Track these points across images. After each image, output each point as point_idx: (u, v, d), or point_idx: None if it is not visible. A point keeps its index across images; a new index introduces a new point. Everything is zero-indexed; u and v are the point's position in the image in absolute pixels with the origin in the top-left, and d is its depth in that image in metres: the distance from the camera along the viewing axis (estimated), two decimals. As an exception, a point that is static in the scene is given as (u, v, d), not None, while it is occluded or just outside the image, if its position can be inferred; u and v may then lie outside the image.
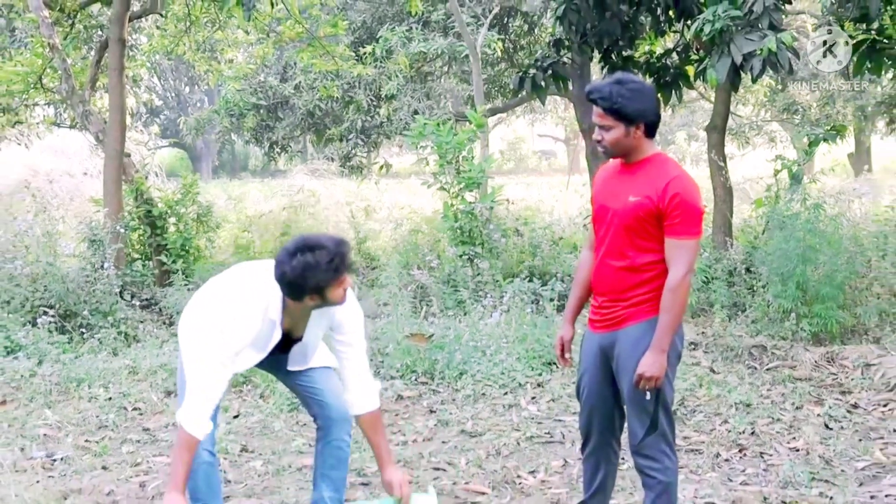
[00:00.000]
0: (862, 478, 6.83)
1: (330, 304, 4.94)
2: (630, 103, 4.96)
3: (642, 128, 5.02)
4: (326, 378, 5.35)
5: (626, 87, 4.98)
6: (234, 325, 4.85)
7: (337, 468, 5.38)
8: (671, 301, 4.96)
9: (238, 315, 4.87)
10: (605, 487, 5.57)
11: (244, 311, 4.89)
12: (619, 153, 5.13)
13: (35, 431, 7.95)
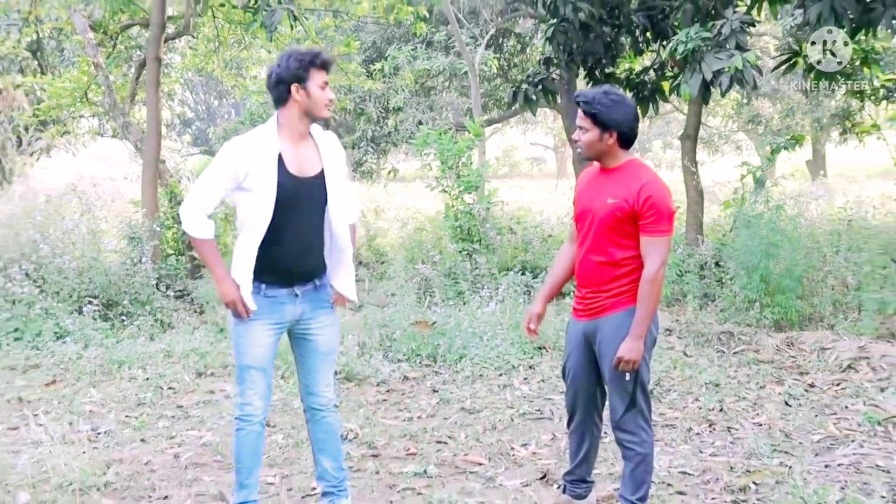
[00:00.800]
0: (817, 449, 6.85)
1: (316, 103, 5.01)
2: (607, 111, 5.03)
3: (615, 136, 5.08)
4: (326, 366, 5.35)
5: (608, 97, 5.07)
6: (236, 142, 5.04)
7: (329, 440, 5.39)
8: (647, 292, 5.02)
9: (239, 139, 5.08)
10: (589, 458, 5.61)
11: (243, 136, 5.10)
12: (593, 155, 5.19)
13: (81, 408, 7.98)
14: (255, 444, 5.14)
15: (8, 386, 8.68)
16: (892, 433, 7.13)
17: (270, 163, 4.94)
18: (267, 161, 4.93)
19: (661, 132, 36.76)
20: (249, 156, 4.92)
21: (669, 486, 6.13)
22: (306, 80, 4.94)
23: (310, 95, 4.97)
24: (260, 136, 5.04)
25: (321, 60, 4.98)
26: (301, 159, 5.06)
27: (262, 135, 5.05)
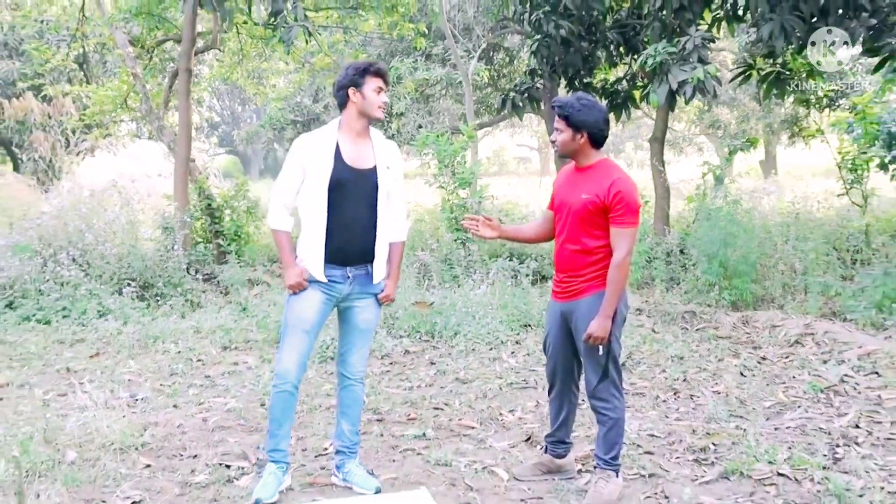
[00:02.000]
0: (768, 414, 6.86)
1: (370, 106, 5.15)
2: (578, 114, 5.09)
3: (586, 136, 5.13)
4: (362, 341, 5.41)
5: (580, 102, 5.14)
6: (300, 138, 5.30)
7: (353, 407, 5.44)
8: (614, 277, 5.04)
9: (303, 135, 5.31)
10: (568, 422, 5.61)
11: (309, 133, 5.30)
12: (567, 153, 5.26)
13: (121, 377, 7.97)
14: (286, 403, 5.23)
15: (57, 357, 8.68)
16: (833, 400, 7.14)
17: (328, 152, 5.14)
18: (325, 151, 5.13)
19: (633, 135, 36.74)
20: (311, 147, 5.16)
21: (639, 447, 6.14)
22: (362, 84, 5.12)
23: (364, 97, 5.14)
24: (322, 132, 5.26)
25: (376, 68, 5.17)
26: (357, 153, 5.21)
27: (325, 130, 5.26)
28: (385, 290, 5.41)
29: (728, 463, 5.75)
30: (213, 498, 5.29)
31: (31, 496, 5.03)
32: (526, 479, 5.61)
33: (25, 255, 11.03)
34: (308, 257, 5.18)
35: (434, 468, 5.78)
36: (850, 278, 10.87)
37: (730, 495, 5.25)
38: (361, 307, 5.35)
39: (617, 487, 5.24)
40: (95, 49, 21.68)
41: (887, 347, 8.43)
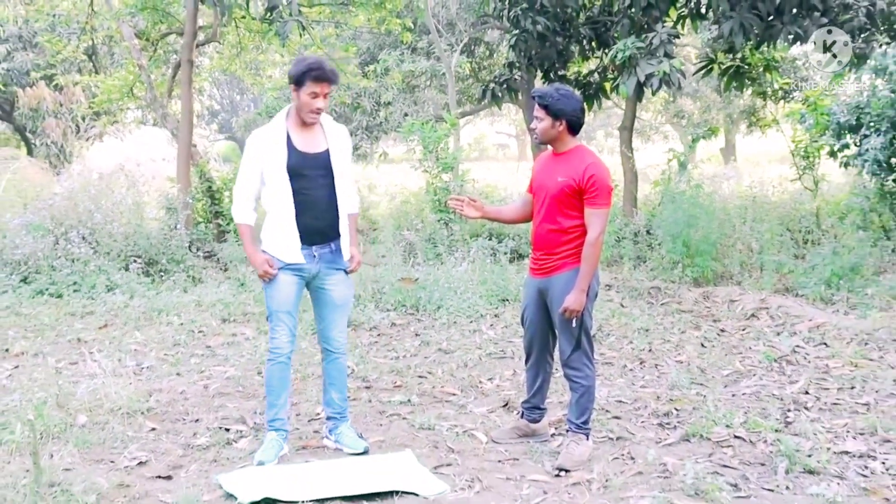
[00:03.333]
0: (726, 381, 6.89)
1: (302, 107, 5.04)
2: (557, 103, 5.12)
3: (564, 124, 5.17)
4: (340, 316, 5.40)
5: (559, 91, 5.18)
6: (253, 133, 5.21)
7: (339, 377, 5.46)
8: (589, 254, 5.08)
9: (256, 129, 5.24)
10: (543, 389, 5.63)
11: (261, 127, 5.24)
12: (547, 141, 5.28)
13: (128, 347, 7.96)
14: (281, 374, 5.26)
15: (69, 328, 8.65)
16: (785, 368, 7.18)
17: (280, 142, 5.08)
18: (277, 141, 5.08)
19: (604, 124, 36.75)
20: (264, 140, 5.09)
21: (608, 411, 6.16)
22: (302, 85, 4.99)
23: (299, 99, 5.04)
24: (272, 125, 5.16)
25: (315, 75, 4.96)
26: (306, 139, 5.15)
27: (274, 123, 5.16)
28: (352, 258, 5.42)
29: (689, 426, 5.77)
30: (213, 458, 5.29)
31: (46, 456, 5.03)
32: (503, 442, 5.62)
33: (39, 234, 10.99)
34: (281, 243, 5.16)
35: (418, 432, 5.79)
36: (801, 257, 10.91)
37: (690, 456, 5.28)
38: (333, 283, 5.34)
39: (587, 449, 5.26)
40: (103, 41, 21.64)
41: (835, 320, 8.49)
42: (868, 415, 5.96)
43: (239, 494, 4.66)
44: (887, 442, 5.50)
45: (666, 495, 4.65)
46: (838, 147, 12.69)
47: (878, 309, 8.84)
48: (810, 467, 5.04)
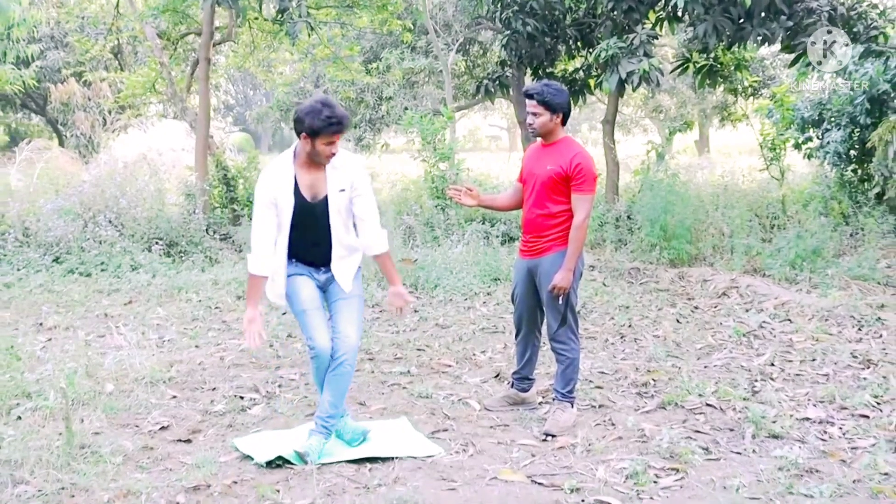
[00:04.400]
0: (699, 354, 6.91)
1: (318, 154, 4.56)
2: (554, 98, 5.14)
3: (560, 117, 5.19)
4: (345, 323, 4.80)
5: (552, 87, 5.19)
6: (263, 178, 4.70)
7: (340, 382, 4.79)
8: (575, 236, 5.11)
9: (265, 172, 4.71)
10: (531, 361, 5.65)
11: (269, 170, 4.70)
12: (543, 134, 5.26)
13: (151, 321, 7.97)
14: (321, 368, 4.77)
15: (97, 304, 8.67)
16: (753, 342, 7.20)
17: (288, 188, 4.65)
18: (286, 187, 4.65)
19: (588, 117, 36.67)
20: (274, 185, 4.64)
21: (591, 382, 6.18)
22: (317, 136, 4.50)
23: (315, 148, 4.55)
24: (280, 167, 4.70)
25: (334, 129, 4.50)
26: (312, 185, 4.69)
27: (282, 164, 4.70)
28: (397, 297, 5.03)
29: (665, 395, 5.79)
30: (229, 424, 5.31)
31: (77, 421, 5.04)
32: (495, 409, 5.64)
33: (69, 218, 11.00)
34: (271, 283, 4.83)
35: (417, 400, 5.81)
36: (768, 240, 10.92)
37: (666, 422, 5.30)
38: (338, 300, 4.90)
39: (572, 416, 5.28)
40: (128, 41, 21.66)
41: (798, 298, 8.51)
42: (827, 385, 5.98)
43: (255, 455, 4.69)
44: (844, 409, 5.53)
45: (643, 458, 4.67)
46: (802, 140, 12.79)
47: (838, 288, 8.86)
48: (775, 432, 5.07)
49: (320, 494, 4.23)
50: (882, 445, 4.84)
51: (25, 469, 4.42)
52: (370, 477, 4.46)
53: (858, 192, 11.92)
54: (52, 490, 4.21)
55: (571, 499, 4.19)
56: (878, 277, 9.21)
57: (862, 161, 12.00)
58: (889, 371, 6.27)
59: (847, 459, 4.71)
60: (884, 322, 7.63)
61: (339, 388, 4.79)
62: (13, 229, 10.73)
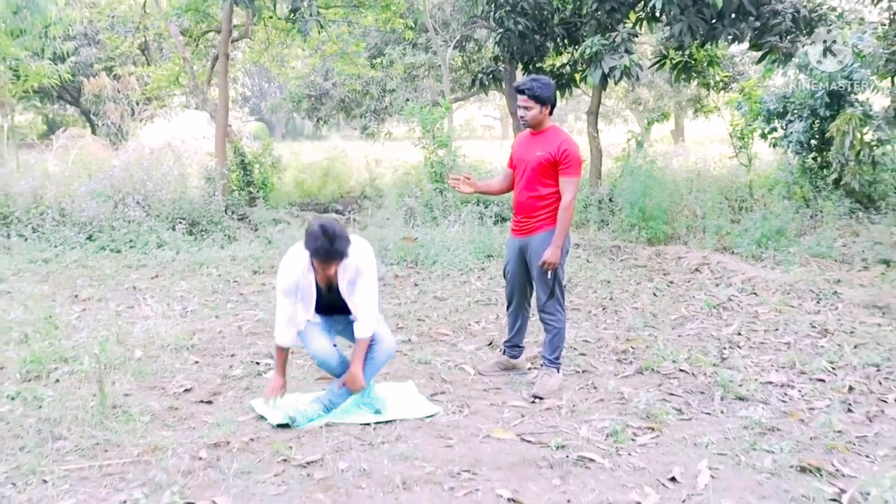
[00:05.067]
0: (674, 324, 6.92)
1: (321, 271, 4.54)
2: (543, 91, 5.14)
3: (548, 108, 5.19)
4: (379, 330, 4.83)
5: (540, 82, 5.19)
6: (283, 271, 4.66)
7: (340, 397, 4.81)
8: (563, 216, 5.14)
9: (285, 265, 4.66)
10: (522, 331, 5.66)
11: (288, 263, 4.65)
12: (534, 125, 5.26)
13: (175, 294, 7.97)
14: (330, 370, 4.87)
15: (126, 278, 8.66)
16: (722, 314, 7.21)
17: (309, 282, 4.67)
18: (307, 282, 4.66)
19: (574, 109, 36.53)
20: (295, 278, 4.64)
21: (575, 349, 6.19)
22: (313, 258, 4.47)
23: (315, 271, 4.59)
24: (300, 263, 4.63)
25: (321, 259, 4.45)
26: (326, 279, 4.63)
27: (302, 261, 4.63)
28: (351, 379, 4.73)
29: (643, 362, 5.82)
30: (246, 387, 5.32)
31: (109, 384, 5.05)
32: (488, 374, 5.66)
33: (101, 199, 10.99)
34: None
35: (417, 365, 5.82)
36: (737, 221, 10.92)
37: (643, 386, 5.32)
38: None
39: (558, 380, 5.30)
40: (154, 38, 21.66)
41: (763, 274, 8.52)
42: (788, 352, 6.01)
43: (268, 416, 4.71)
44: (803, 374, 5.56)
45: (623, 418, 4.69)
46: (768, 130, 12.80)
47: (799, 265, 8.88)
48: (741, 395, 5.10)
49: (329, 451, 4.25)
50: (836, 406, 4.87)
51: (63, 426, 4.44)
52: (374, 435, 4.48)
53: (818, 178, 11.93)
54: (88, 445, 4.24)
55: (557, 455, 4.21)
56: (835, 255, 9.24)
57: (821, 150, 12.02)
58: (844, 340, 6.30)
59: (805, 419, 4.74)
60: (839, 295, 7.66)
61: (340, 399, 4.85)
62: (51, 210, 10.71)
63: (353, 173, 17.43)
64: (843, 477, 3.97)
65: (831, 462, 4.11)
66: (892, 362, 5.75)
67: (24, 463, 4.00)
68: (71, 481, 3.86)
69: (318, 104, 23.65)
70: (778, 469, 4.02)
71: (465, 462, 4.11)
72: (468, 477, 3.95)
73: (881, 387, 5.31)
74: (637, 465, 4.10)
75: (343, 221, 12.71)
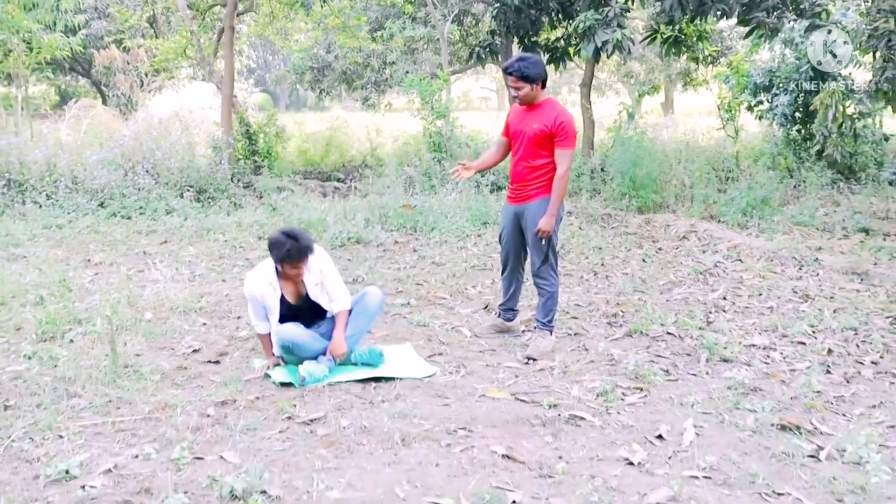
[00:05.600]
0: (662, 289, 6.93)
1: (288, 276, 4.74)
2: (531, 70, 5.10)
3: (539, 84, 5.15)
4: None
5: (526, 61, 5.14)
6: (248, 283, 4.83)
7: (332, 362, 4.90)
8: (558, 185, 5.13)
9: (249, 280, 4.82)
10: (516, 295, 5.67)
11: (252, 279, 4.82)
12: (527, 101, 5.23)
13: (183, 259, 7.96)
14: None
15: (136, 243, 8.65)
16: (709, 279, 7.22)
17: (274, 298, 4.81)
18: (272, 298, 4.80)
19: (567, 81, 36.33)
20: (260, 292, 4.78)
21: (567, 313, 6.20)
22: (283, 264, 4.64)
23: (285, 271, 4.70)
24: (265, 278, 4.79)
25: (294, 261, 4.62)
26: (294, 291, 4.87)
27: (266, 276, 4.80)
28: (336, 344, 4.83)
29: (632, 325, 5.83)
30: (251, 347, 5.33)
31: (121, 344, 5.06)
32: (484, 336, 5.67)
33: (112, 167, 10.95)
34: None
35: (416, 328, 5.83)
36: (723, 191, 10.91)
37: (632, 348, 5.34)
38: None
39: (551, 343, 5.32)
40: (162, 12, 21.47)
41: (748, 241, 8.53)
42: (771, 316, 6.02)
43: (273, 375, 4.72)
44: (785, 337, 5.58)
45: (612, 379, 4.70)
46: (754, 103, 12.78)
47: (782, 233, 8.89)
48: (725, 357, 5.12)
49: (331, 408, 4.26)
50: (816, 368, 4.90)
51: (78, 384, 4.45)
52: (375, 394, 4.50)
53: (802, 150, 11.94)
54: (101, 402, 4.25)
55: (549, 413, 4.23)
56: (817, 224, 9.25)
57: (805, 122, 12.02)
58: (824, 304, 6.31)
59: (786, 380, 4.76)
60: (820, 262, 7.67)
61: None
62: (64, 178, 10.67)
63: (354, 143, 17.35)
64: (820, 434, 4.00)
65: (810, 420, 4.14)
66: (869, 326, 5.77)
67: (41, 419, 4.01)
68: (85, 436, 3.88)
69: (321, 76, 23.54)
70: (759, 427, 4.05)
71: (462, 420, 4.13)
72: (464, 434, 3.97)
73: (858, 349, 5.33)
74: (626, 423, 4.12)
75: (345, 190, 12.69)
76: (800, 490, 3.42)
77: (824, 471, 3.59)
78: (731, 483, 3.49)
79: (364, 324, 5.00)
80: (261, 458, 3.66)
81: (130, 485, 3.39)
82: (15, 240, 8.55)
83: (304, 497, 3.31)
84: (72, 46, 15.51)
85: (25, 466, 3.58)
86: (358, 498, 3.31)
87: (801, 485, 3.48)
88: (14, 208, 9.97)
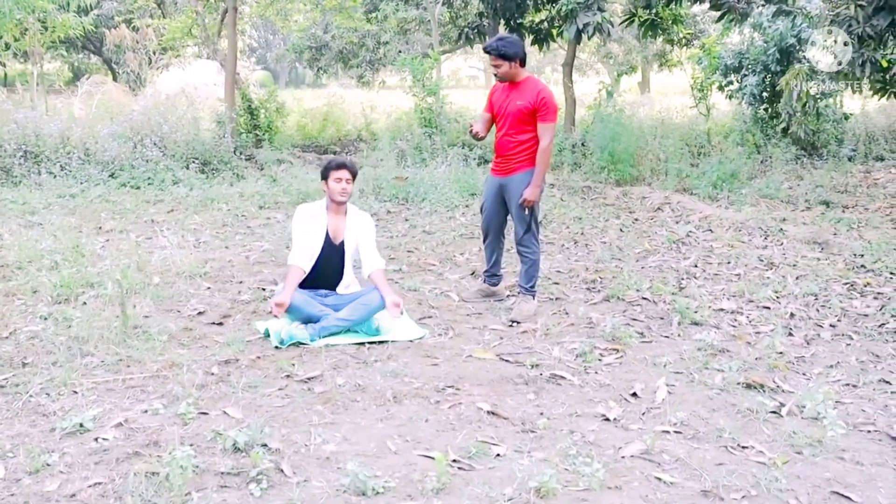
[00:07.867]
0: (637, 257, 6.93)
1: (332, 193, 4.96)
2: (508, 49, 5.12)
3: (517, 62, 5.16)
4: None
5: (504, 41, 5.19)
6: (299, 212, 5.04)
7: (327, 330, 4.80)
8: (541, 158, 5.14)
9: (301, 209, 5.06)
10: (498, 261, 5.67)
11: (305, 208, 5.08)
12: (508, 78, 5.24)
13: (189, 226, 7.90)
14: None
15: (145, 212, 8.59)
16: (681, 248, 7.23)
17: (321, 228, 5.00)
18: (319, 227, 5.00)
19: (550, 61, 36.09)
20: (309, 221, 5.00)
21: (549, 279, 6.20)
22: (328, 177, 4.99)
23: (328, 188, 5.00)
24: (317, 210, 5.06)
25: (335, 164, 5.00)
26: (336, 227, 5.05)
27: (318, 208, 5.07)
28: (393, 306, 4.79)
29: (609, 290, 5.83)
30: (253, 310, 5.31)
31: (130, 306, 5.02)
32: (471, 301, 5.67)
33: (122, 140, 10.83)
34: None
35: (407, 292, 5.82)
36: (696, 165, 10.91)
37: (610, 312, 5.34)
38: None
39: (533, 306, 5.31)
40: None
41: (718, 213, 8.54)
42: (739, 282, 6.03)
43: (267, 325, 4.74)
44: (751, 302, 5.59)
45: (591, 340, 4.71)
46: (725, 83, 12.77)
47: (750, 205, 8.90)
48: (696, 320, 5.13)
49: (328, 368, 4.26)
50: (779, 331, 4.92)
51: (90, 344, 4.43)
52: (368, 354, 4.49)
53: (768, 127, 11.96)
54: (112, 361, 4.23)
55: (532, 373, 4.23)
56: (782, 196, 9.28)
57: (772, 101, 12.03)
58: (787, 272, 6.33)
59: (752, 342, 4.78)
60: (784, 232, 7.68)
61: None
62: (76, 150, 10.55)
63: (349, 118, 17.21)
64: (783, 392, 4.02)
65: (773, 379, 4.16)
66: (828, 292, 5.79)
67: (56, 376, 4.00)
68: (98, 392, 3.87)
69: (319, 55, 23.38)
70: (727, 385, 4.06)
71: (450, 379, 4.13)
72: (452, 392, 3.97)
73: (818, 314, 5.35)
74: (603, 382, 4.13)
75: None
76: (762, 443, 3.45)
77: (785, 425, 3.61)
78: (700, 437, 3.51)
79: (363, 314, 4.86)
80: (262, 413, 3.66)
81: (140, 437, 3.39)
82: (31, 208, 8.48)
83: (302, 450, 3.31)
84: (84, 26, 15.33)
85: (42, 420, 3.57)
86: (352, 451, 3.31)
87: (763, 438, 3.50)
88: (31, 178, 9.88)
